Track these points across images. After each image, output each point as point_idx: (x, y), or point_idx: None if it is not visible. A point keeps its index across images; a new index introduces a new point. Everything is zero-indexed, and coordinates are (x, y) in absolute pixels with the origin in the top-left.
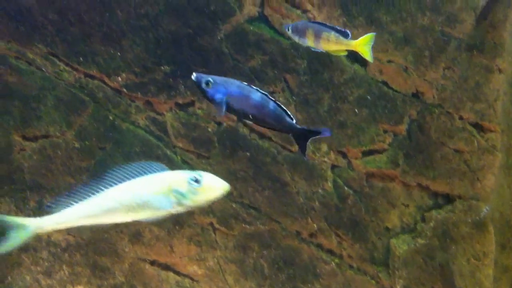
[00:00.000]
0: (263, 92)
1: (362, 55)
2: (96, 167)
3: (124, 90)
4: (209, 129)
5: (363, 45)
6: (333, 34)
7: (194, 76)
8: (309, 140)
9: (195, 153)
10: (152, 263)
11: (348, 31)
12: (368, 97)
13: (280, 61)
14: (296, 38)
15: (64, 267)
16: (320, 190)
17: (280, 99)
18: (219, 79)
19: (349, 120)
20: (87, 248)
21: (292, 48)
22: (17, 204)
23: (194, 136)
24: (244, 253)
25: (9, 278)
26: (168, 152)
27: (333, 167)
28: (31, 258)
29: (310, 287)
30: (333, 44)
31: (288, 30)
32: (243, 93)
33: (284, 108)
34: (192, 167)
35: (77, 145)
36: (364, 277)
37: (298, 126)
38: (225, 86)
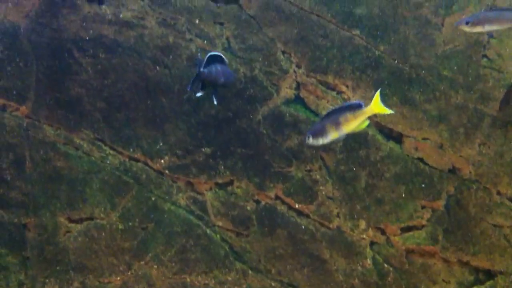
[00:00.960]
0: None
1: (381, 113)
2: (139, 247)
3: (167, 171)
4: (248, 208)
5: (376, 105)
6: (348, 113)
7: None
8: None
9: (234, 232)
10: None
11: (359, 101)
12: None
13: None
14: (320, 141)
15: None
16: (359, 267)
17: (317, 176)
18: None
19: (386, 197)
20: None
21: None
22: (61, 285)
23: (233, 215)
24: None
25: None
26: (208, 231)
27: (372, 243)
28: None
29: None
30: (353, 122)
31: (309, 139)
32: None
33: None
34: (231, 245)
35: (120, 226)
36: None
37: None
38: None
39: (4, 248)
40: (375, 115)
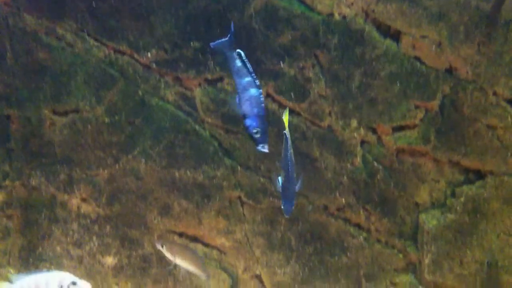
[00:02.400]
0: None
1: None
2: (126, 141)
3: (154, 66)
4: None
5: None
6: None
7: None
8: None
9: (224, 128)
10: (181, 235)
11: None
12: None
13: (311, 37)
14: None
15: (93, 238)
16: (349, 166)
17: (310, 74)
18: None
19: (380, 96)
20: (117, 220)
21: (323, 23)
22: (47, 177)
23: (223, 112)
24: (272, 227)
25: (40, 248)
26: (197, 127)
27: (363, 143)
28: (61, 229)
29: (336, 260)
30: None
31: None
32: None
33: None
34: (220, 142)
35: (107, 120)
36: (391, 251)
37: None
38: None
39: None
40: (373, 11)
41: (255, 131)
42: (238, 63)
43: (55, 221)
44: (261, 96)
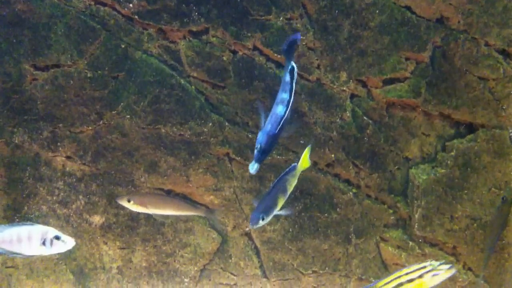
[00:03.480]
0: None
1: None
2: (110, 97)
3: (136, 17)
4: (224, 58)
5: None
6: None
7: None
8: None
9: (210, 83)
10: (168, 192)
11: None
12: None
13: None
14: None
15: (80, 197)
16: (338, 120)
17: (298, 25)
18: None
19: (370, 48)
20: (103, 179)
21: None
22: (31, 135)
23: (209, 65)
24: (261, 184)
25: (25, 208)
26: (182, 81)
27: (352, 96)
28: (46, 188)
29: (327, 216)
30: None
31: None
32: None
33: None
34: (207, 97)
35: (89, 74)
36: (381, 207)
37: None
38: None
39: None
40: None
41: (257, 146)
42: (287, 76)
43: (40, 179)
44: (284, 117)
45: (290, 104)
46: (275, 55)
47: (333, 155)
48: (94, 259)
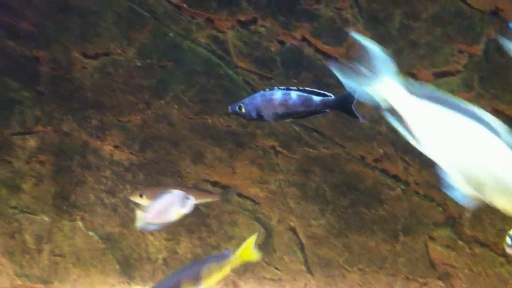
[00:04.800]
0: (283, 88)
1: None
2: (158, 86)
3: (185, 5)
4: (272, 49)
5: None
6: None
7: (230, 108)
8: (353, 104)
9: (257, 74)
10: (214, 184)
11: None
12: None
13: None
14: None
15: (127, 186)
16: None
17: (348, 15)
18: (246, 100)
19: (421, 39)
20: (150, 168)
21: None
22: (79, 123)
23: (257, 56)
24: (306, 177)
25: (72, 196)
26: (230, 72)
27: None
28: (94, 177)
29: (373, 212)
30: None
31: None
32: (266, 99)
33: (311, 89)
34: (254, 88)
35: (138, 63)
36: (430, 204)
37: (331, 98)
38: (252, 102)
39: (17, 82)
40: None
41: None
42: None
43: (88, 168)
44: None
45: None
46: (324, 46)
47: (381, 150)
48: (140, 249)
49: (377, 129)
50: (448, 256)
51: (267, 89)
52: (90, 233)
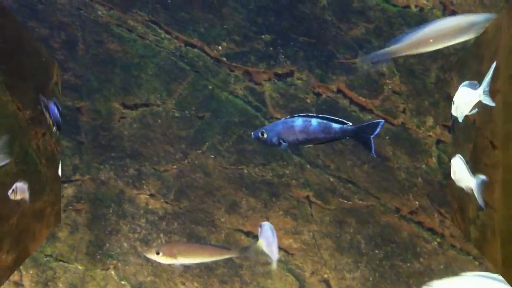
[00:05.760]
0: (304, 114)
1: None
2: (195, 136)
3: (224, 59)
4: (308, 100)
5: None
6: None
7: (252, 134)
8: (373, 136)
9: None
10: (247, 234)
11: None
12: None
13: (386, 30)
14: None
15: (161, 235)
16: (423, 166)
17: (384, 69)
18: (268, 126)
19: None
20: (184, 217)
21: (399, 16)
22: (117, 172)
23: (292, 107)
24: (341, 228)
25: (107, 244)
26: (266, 122)
27: (439, 142)
28: (129, 225)
29: (409, 265)
30: None
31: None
32: (288, 125)
33: (330, 117)
34: None
35: (176, 114)
36: (467, 257)
37: (350, 127)
38: (274, 128)
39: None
40: (451, 3)
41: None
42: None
43: (123, 216)
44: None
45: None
46: (359, 98)
47: (417, 202)
48: None
49: (412, 181)
50: None
51: (288, 117)
52: (123, 282)
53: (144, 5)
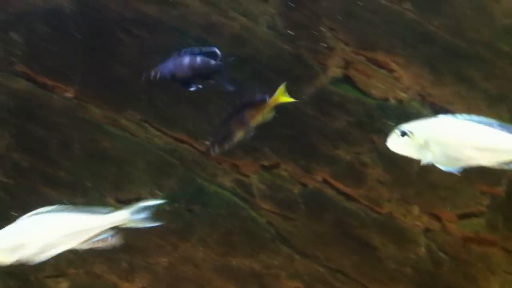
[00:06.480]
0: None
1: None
2: (185, 229)
3: (212, 153)
4: (295, 191)
5: (280, 95)
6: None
7: (143, 76)
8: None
9: (281, 215)
10: None
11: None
12: None
13: (367, 122)
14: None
15: None
16: (412, 255)
17: (367, 159)
18: (160, 65)
19: (442, 182)
20: None
21: (379, 108)
22: (109, 265)
23: (280, 198)
24: None
25: None
26: (254, 214)
27: (427, 230)
28: None
29: None
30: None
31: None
32: (177, 63)
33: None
34: (277, 229)
35: (166, 208)
36: None
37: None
38: (166, 66)
39: None
40: (429, 94)
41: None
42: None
43: None
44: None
45: None
46: (345, 187)
47: None
48: None
49: (402, 271)
50: None
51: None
52: None
53: (135, 105)
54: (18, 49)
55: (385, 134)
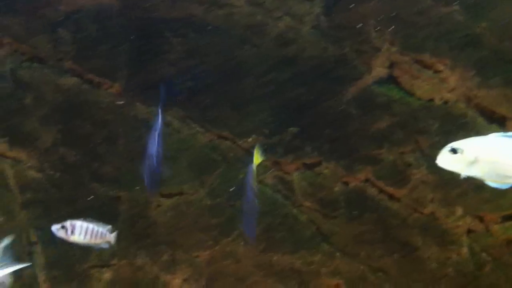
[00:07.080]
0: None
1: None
2: (226, 224)
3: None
4: (336, 189)
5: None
6: None
7: None
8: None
9: (321, 213)
10: None
11: None
12: None
13: (411, 122)
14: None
15: None
16: (454, 256)
17: (411, 159)
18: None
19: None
20: None
21: (424, 109)
22: (152, 257)
23: (321, 196)
24: None
25: None
26: (295, 211)
27: (469, 232)
28: None
29: None
30: None
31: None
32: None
33: None
34: (318, 227)
35: (208, 202)
36: None
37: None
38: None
39: (98, 219)
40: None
41: None
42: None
43: None
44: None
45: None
46: (388, 187)
47: None
48: None
49: (443, 271)
50: None
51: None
52: None
53: (179, 102)
54: (66, 46)
55: (430, 134)
